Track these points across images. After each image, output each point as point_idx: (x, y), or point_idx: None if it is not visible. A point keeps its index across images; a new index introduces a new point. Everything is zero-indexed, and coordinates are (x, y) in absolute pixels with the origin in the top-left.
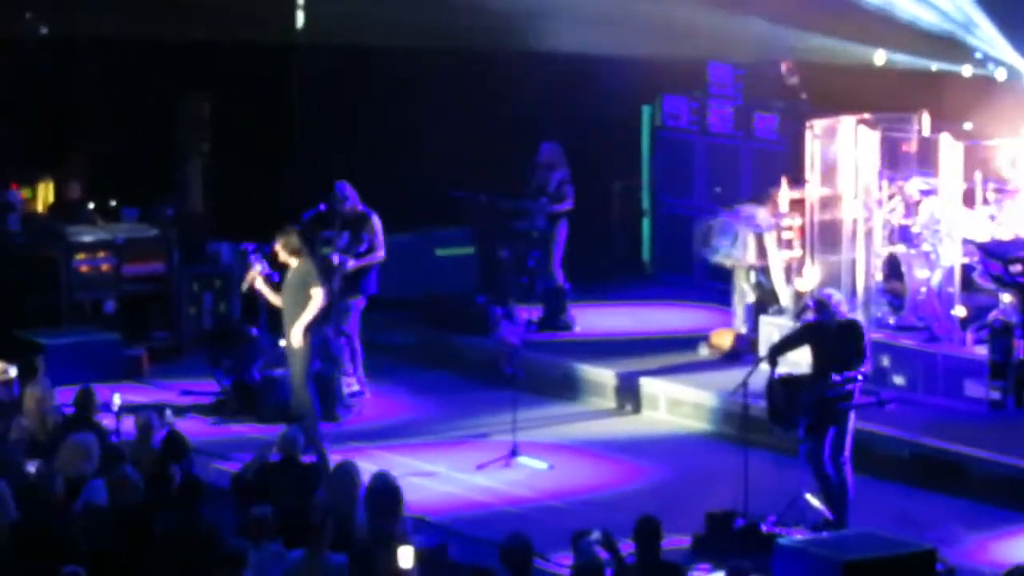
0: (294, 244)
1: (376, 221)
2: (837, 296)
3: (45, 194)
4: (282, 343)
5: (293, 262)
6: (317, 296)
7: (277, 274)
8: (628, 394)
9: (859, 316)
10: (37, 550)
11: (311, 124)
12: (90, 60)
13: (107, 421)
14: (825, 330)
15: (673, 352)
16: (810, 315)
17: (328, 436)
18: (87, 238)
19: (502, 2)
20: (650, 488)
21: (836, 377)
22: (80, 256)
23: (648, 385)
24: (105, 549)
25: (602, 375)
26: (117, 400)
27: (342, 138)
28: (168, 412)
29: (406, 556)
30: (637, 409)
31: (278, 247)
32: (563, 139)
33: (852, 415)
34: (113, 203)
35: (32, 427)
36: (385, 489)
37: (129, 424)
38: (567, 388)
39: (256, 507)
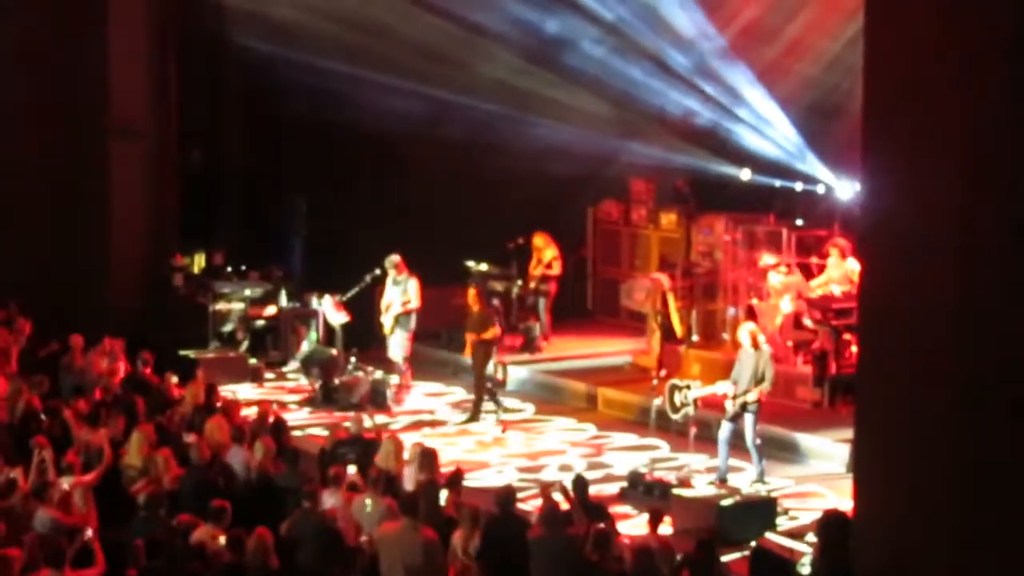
0: (479, 297)
1: (415, 281)
2: (754, 328)
3: (199, 261)
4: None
5: (475, 308)
6: (495, 330)
7: None
8: (583, 395)
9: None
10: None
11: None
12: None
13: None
14: (747, 355)
15: (609, 368)
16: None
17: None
18: (226, 290)
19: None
20: (597, 453)
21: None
22: (221, 302)
23: (594, 390)
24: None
25: (563, 383)
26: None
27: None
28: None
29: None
30: (594, 406)
31: (471, 298)
32: (541, 228)
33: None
34: (243, 267)
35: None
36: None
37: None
38: (541, 390)
39: (333, 466)
